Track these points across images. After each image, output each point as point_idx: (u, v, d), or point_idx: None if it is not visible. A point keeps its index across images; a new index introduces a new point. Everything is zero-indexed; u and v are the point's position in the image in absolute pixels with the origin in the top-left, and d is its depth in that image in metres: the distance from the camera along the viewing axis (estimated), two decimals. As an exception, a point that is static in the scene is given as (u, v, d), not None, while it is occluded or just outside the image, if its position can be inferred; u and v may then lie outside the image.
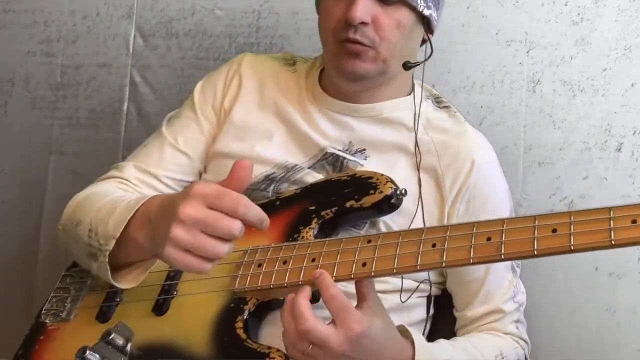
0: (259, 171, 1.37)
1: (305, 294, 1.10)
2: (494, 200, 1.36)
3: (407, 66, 1.35)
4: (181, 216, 1.03)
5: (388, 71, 1.35)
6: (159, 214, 1.11)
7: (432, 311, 1.40)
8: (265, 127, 1.42)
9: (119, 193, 1.32)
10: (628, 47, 1.60)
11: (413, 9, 1.32)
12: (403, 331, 1.18)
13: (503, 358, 1.29)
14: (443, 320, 1.41)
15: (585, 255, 1.55)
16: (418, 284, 1.33)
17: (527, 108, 1.64)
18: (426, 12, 1.33)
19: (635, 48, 1.60)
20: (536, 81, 1.64)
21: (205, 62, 1.82)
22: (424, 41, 1.40)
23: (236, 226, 1.03)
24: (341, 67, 1.33)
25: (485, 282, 1.33)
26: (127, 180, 1.41)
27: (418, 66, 1.38)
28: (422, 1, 1.32)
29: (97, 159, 1.87)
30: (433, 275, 1.36)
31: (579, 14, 1.63)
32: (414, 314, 1.36)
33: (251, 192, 1.36)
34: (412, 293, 1.32)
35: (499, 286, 1.34)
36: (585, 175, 1.60)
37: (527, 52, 1.65)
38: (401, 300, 1.31)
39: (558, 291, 1.59)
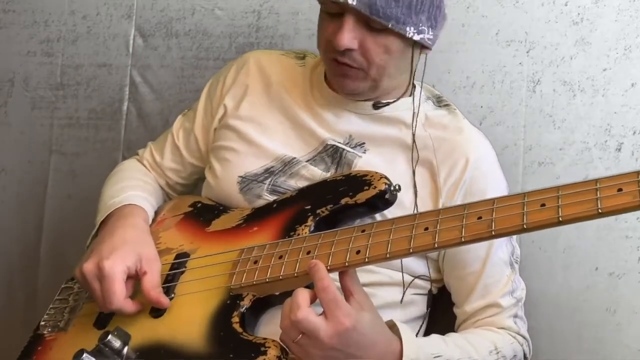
0: (260, 164, 1.41)
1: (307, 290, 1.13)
2: (492, 196, 1.37)
3: (376, 106, 1.39)
4: (102, 264, 1.26)
5: (380, 87, 1.36)
6: (98, 243, 1.33)
7: (430, 309, 1.41)
8: (270, 121, 1.44)
9: (123, 183, 1.49)
10: (628, 47, 1.60)
11: (402, 36, 1.30)
12: (391, 326, 1.19)
13: (498, 353, 1.29)
14: (443, 318, 1.41)
15: (585, 255, 1.58)
16: (413, 278, 1.34)
17: (527, 108, 1.64)
18: (417, 38, 1.31)
19: (635, 48, 1.60)
20: (536, 81, 1.64)
21: (205, 62, 1.82)
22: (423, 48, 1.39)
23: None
24: (333, 82, 1.38)
25: (483, 276, 1.34)
26: (142, 162, 1.58)
27: (418, 68, 1.40)
28: (412, 28, 1.30)
29: (97, 159, 1.87)
30: (431, 272, 1.37)
31: (579, 14, 1.63)
32: (413, 310, 1.37)
33: (249, 182, 1.40)
34: (407, 287, 1.34)
35: (497, 281, 1.34)
36: (585, 175, 1.60)
37: (527, 52, 1.65)
38: (400, 301, 1.32)
39: (558, 291, 1.59)
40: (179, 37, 1.84)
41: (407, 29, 1.29)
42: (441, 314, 1.41)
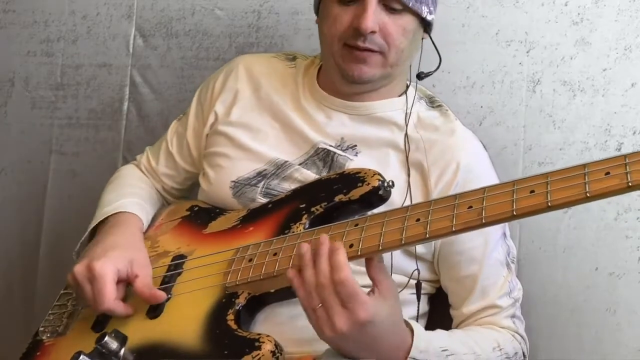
0: (251, 167, 1.41)
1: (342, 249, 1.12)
2: None
3: (420, 77, 1.44)
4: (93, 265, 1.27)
5: (392, 75, 1.39)
6: (90, 248, 1.34)
7: (426, 308, 1.42)
8: (261, 126, 1.45)
9: (120, 190, 1.50)
10: (628, 47, 1.60)
11: (418, 15, 1.36)
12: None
13: (501, 350, 1.30)
14: (440, 318, 1.41)
15: (585, 255, 1.57)
16: (408, 279, 1.34)
17: (527, 108, 1.64)
18: (429, 18, 1.39)
19: (635, 48, 1.60)
20: (536, 81, 1.64)
21: (205, 62, 1.83)
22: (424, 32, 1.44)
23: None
24: (347, 71, 1.36)
25: (480, 278, 1.34)
26: (140, 167, 1.60)
27: (412, 67, 1.42)
28: (425, 7, 1.36)
29: (97, 159, 1.87)
30: (426, 272, 1.38)
31: (579, 14, 1.63)
32: (406, 311, 1.36)
33: (242, 187, 1.41)
34: (403, 288, 1.33)
35: (494, 282, 1.35)
36: (585, 175, 1.60)
37: (527, 52, 1.65)
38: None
39: (558, 291, 1.59)
40: (179, 37, 1.84)
41: (423, 8, 1.35)
42: (439, 315, 1.41)
